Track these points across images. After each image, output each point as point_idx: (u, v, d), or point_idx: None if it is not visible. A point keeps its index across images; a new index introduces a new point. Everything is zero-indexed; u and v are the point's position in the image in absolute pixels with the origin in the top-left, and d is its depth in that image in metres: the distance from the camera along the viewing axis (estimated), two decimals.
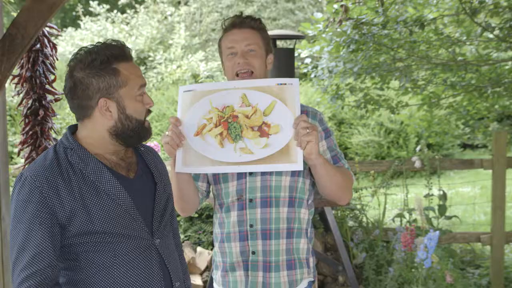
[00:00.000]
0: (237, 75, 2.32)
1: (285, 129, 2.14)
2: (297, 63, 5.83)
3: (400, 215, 5.41)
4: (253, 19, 2.36)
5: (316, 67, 6.06)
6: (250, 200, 2.29)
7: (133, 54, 2.00)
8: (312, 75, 6.12)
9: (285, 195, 2.29)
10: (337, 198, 2.35)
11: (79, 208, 1.77)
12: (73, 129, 1.92)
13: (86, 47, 1.85)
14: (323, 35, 5.62)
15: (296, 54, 5.83)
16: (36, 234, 1.73)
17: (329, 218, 5.12)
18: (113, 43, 1.86)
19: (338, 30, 5.28)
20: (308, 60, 6.15)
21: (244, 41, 2.31)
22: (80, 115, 1.87)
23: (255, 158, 2.14)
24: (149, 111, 1.92)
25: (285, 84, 2.17)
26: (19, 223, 1.75)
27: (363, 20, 5.15)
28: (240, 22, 2.34)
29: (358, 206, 5.78)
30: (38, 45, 3.25)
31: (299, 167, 2.12)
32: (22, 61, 3.25)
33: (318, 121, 2.36)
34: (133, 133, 1.88)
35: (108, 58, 1.82)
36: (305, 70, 6.27)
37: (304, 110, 2.35)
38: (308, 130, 2.08)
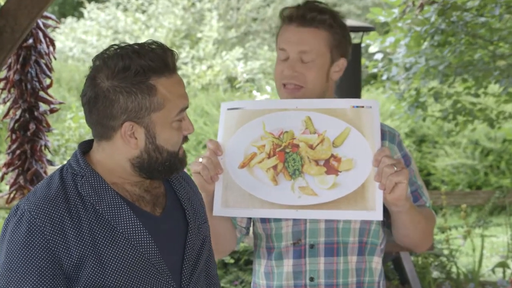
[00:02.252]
0: (284, 86, 2.30)
1: (360, 165, 2.11)
2: (364, 61, 5.81)
3: (503, 264, 5.34)
4: (323, 11, 2.26)
5: (389, 64, 6.03)
6: (311, 246, 2.26)
7: None
8: (384, 77, 6.09)
9: (354, 240, 2.27)
10: (415, 246, 2.35)
11: (90, 256, 1.75)
12: (85, 147, 1.91)
13: (118, 45, 1.81)
14: (399, 24, 5.59)
15: (363, 45, 5.79)
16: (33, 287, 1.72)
17: (407, 267, 5.06)
18: (154, 47, 1.81)
19: (419, 17, 5.25)
20: (379, 56, 6.12)
21: (298, 46, 2.25)
22: (97, 133, 1.85)
23: (319, 201, 2.13)
24: (186, 138, 1.90)
25: (363, 106, 2.15)
26: (11, 272, 1.74)
27: (452, 3, 5.11)
28: (301, 16, 2.25)
29: (446, 252, 5.71)
30: (31, 41, 3.32)
31: (379, 216, 2.10)
32: (10, 60, 3.32)
33: (397, 144, 2.32)
34: (162, 167, 1.85)
35: (144, 70, 1.77)
36: (374, 70, 6.24)
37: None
38: (395, 168, 2.06)
